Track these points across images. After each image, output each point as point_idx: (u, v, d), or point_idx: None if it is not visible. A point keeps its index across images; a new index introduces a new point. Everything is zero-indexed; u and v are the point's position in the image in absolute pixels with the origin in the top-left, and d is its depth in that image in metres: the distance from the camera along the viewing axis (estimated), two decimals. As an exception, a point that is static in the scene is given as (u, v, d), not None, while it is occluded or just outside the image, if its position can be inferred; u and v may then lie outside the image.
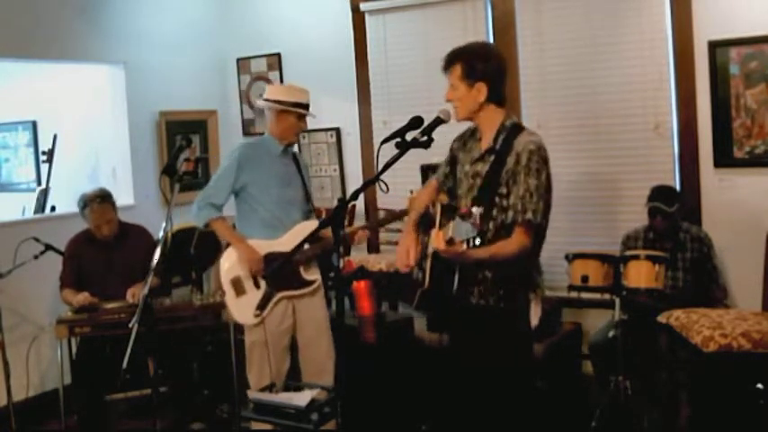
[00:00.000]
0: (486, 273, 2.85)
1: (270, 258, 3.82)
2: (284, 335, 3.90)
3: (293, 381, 3.78)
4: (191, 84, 5.79)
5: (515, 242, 2.76)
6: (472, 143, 3.00)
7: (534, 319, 2.91)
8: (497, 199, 2.80)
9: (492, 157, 2.87)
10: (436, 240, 2.54)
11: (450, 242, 2.50)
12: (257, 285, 3.84)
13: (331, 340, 3.98)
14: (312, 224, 3.90)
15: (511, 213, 2.78)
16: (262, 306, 3.80)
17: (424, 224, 3.09)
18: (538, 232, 2.82)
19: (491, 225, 2.77)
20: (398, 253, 3.01)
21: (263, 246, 3.84)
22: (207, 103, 5.91)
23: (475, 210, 2.52)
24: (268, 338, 3.80)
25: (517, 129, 2.89)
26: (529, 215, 2.76)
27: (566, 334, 4.52)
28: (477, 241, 2.49)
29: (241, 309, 3.84)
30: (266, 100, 3.92)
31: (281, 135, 3.93)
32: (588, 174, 4.71)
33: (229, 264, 3.87)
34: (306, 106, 3.94)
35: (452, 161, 3.10)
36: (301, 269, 3.87)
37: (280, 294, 3.85)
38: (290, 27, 5.72)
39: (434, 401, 3.75)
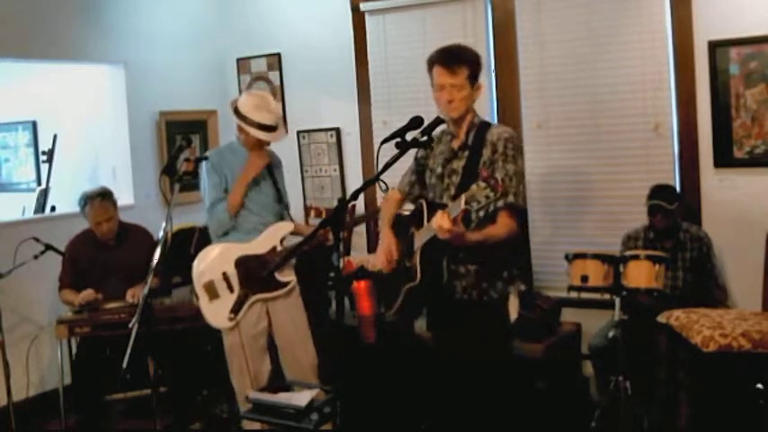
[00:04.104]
0: (469, 267, 2.94)
1: (243, 262, 3.83)
2: (259, 336, 3.91)
3: (276, 381, 3.79)
4: (191, 84, 5.79)
5: (502, 225, 2.89)
6: (441, 147, 3.08)
7: (513, 313, 3.06)
8: None
9: (466, 153, 2.97)
10: (441, 219, 2.62)
11: (454, 221, 2.62)
12: (231, 289, 3.84)
13: (310, 339, 4.00)
14: (285, 225, 3.92)
15: (501, 202, 2.84)
16: (236, 309, 3.80)
17: (397, 229, 3.14)
18: (521, 216, 2.95)
19: (474, 216, 2.85)
20: (381, 253, 3.09)
21: (235, 249, 3.85)
22: (207, 103, 5.90)
23: (496, 174, 2.62)
24: (243, 341, 3.81)
25: (486, 124, 3.03)
26: (511, 199, 2.87)
27: (566, 334, 4.52)
28: (500, 203, 2.64)
29: (215, 313, 3.84)
30: (235, 109, 3.86)
31: (245, 144, 3.91)
32: (588, 174, 4.71)
33: (202, 268, 3.86)
34: (269, 128, 3.81)
35: (418, 170, 3.18)
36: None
37: (254, 297, 3.85)
38: (290, 27, 5.72)
39: (427, 399, 3.75)
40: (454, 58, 2.93)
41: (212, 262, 3.86)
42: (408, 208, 3.25)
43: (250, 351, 3.85)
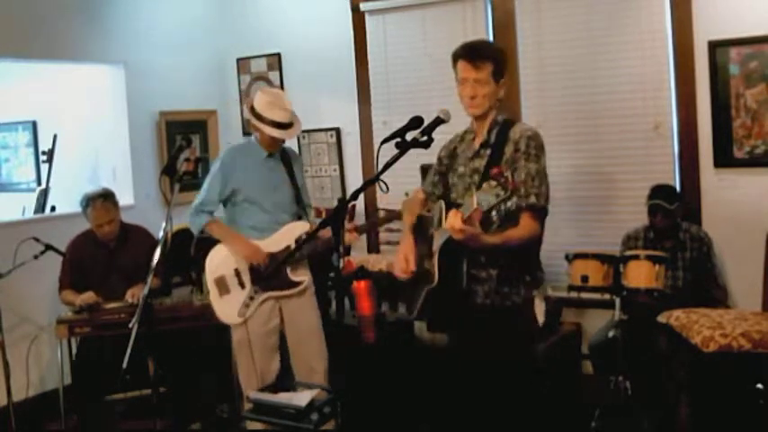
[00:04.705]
0: (490, 271, 2.85)
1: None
2: (270, 334, 3.91)
3: (286, 381, 3.79)
4: (191, 84, 5.79)
5: (524, 227, 2.78)
6: (463, 146, 3.04)
7: (540, 317, 2.93)
8: None
9: (488, 151, 2.91)
10: (453, 219, 2.53)
11: (467, 221, 2.51)
12: (242, 285, 3.84)
13: (322, 341, 3.97)
14: (301, 225, 3.91)
15: (514, 199, 2.73)
16: (247, 305, 3.81)
17: (419, 231, 3.09)
18: (543, 216, 2.84)
19: (495, 216, 2.71)
20: (397, 260, 3.01)
21: None
22: (207, 103, 5.91)
23: (507, 173, 2.53)
24: (251, 338, 3.81)
25: (509, 122, 2.95)
26: (532, 199, 2.78)
27: (566, 334, 4.52)
28: (510, 203, 2.50)
29: (224, 308, 3.85)
30: (251, 108, 3.86)
31: (261, 143, 3.91)
32: (588, 174, 4.71)
33: (214, 264, 3.88)
34: (283, 125, 3.81)
35: (441, 170, 3.12)
36: (288, 270, 3.86)
37: (266, 294, 3.86)
38: (290, 27, 5.72)
39: (434, 401, 3.75)
40: (478, 53, 2.87)
41: (226, 257, 3.86)
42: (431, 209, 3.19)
43: (259, 348, 3.84)
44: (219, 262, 3.86)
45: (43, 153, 5.71)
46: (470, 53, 2.88)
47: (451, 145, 3.10)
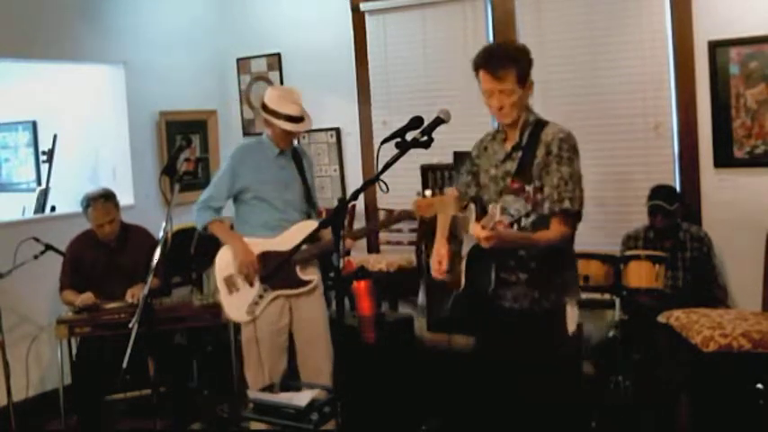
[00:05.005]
0: (520, 275, 2.79)
1: (265, 257, 3.83)
2: (280, 333, 3.90)
3: (291, 381, 3.78)
4: (191, 84, 5.80)
5: (554, 231, 2.70)
6: (495, 146, 2.93)
7: (572, 325, 2.81)
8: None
9: (519, 153, 2.81)
10: (477, 231, 2.47)
11: (491, 229, 2.45)
12: (251, 283, 3.84)
13: (329, 342, 3.96)
14: (311, 224, 3.89)
15: (547, 205, 2.70)
16: (256, 303, 3.82)
17: (453, 232, 3.01)
18: (576, 220, 2.75)
19: (529, 222, 2.65)
20: (433, 262, 2.93)
21: (259, 244, 3.84)
22: (207, 103, 5.91)
23: (528, 187, 2.47)
24: (258, 336, 3.81)
25: (541, 123, 2.85)
26: (566, 204, 2.70)
27: (566, 334, 4.51)
28: (532, 217, 2.44)
29: (233, 306, 3.85)
30: (263, 106, 3.86)
31: (273, 139, 3.91)
32: (588, 174, 4.67)
33: (224, 262, 3.88)
34: (295, 119, 3.81)
35: (473, 171, 3.02)
36: (297, 269, 3.86)
37: (275, 293, 3.86)
38: (290, 27, 5.73)
39: (449, 402, 3.73)
40: (499, 62, 2.72)
41: None
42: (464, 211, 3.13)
43: (269, 346, 3.83)
44: (229, 260, 3.86)
45: (43, 153, 5.71)
46: (490, 63, 2.74)
47: (483, 144, 2.99)
